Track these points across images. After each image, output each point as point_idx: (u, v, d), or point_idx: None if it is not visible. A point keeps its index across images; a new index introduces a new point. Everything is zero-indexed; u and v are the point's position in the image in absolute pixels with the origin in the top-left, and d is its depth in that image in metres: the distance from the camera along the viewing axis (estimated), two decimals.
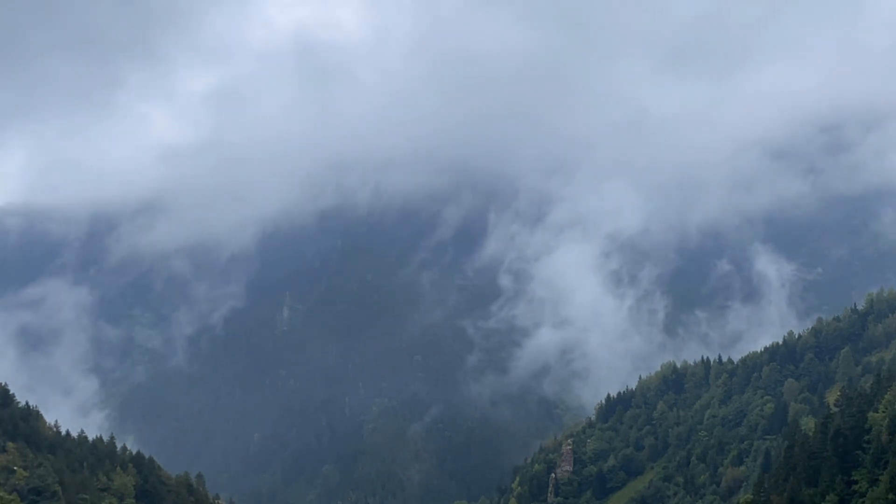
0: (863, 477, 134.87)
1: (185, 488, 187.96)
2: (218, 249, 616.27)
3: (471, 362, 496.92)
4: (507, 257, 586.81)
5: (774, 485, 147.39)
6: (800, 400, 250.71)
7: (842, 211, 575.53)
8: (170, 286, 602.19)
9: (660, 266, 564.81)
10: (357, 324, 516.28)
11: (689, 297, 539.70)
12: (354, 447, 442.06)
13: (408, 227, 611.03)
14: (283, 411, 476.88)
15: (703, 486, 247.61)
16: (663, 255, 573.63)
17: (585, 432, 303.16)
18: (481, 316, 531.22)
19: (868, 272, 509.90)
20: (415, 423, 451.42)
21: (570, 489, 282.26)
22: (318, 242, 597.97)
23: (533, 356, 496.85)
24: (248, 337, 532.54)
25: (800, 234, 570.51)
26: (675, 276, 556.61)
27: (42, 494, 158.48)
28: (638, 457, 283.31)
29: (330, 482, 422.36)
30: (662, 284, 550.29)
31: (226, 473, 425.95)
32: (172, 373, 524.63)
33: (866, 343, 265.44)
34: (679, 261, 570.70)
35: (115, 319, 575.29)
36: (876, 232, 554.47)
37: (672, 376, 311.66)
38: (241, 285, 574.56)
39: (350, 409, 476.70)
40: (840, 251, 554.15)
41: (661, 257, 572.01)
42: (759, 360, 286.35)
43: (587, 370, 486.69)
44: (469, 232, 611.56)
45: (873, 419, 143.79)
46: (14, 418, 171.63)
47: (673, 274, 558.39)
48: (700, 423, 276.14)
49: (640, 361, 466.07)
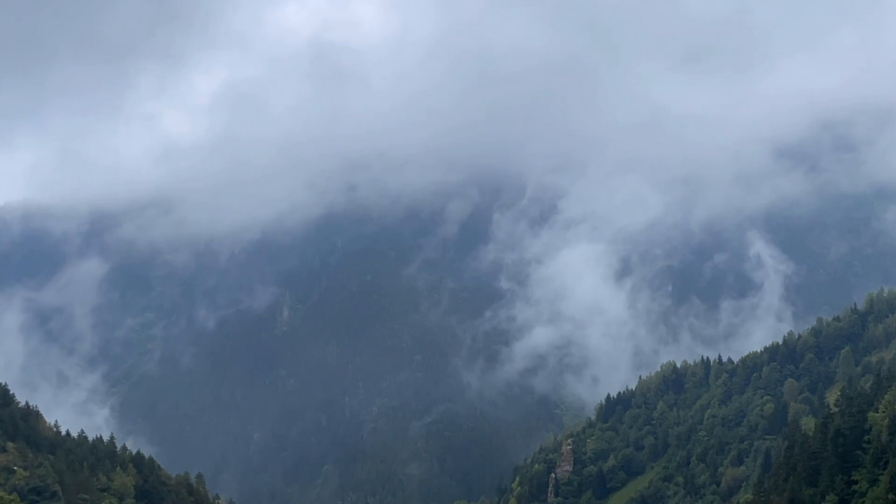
0: (863, 477, 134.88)
1: (185, 488, 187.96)
2: (218, 249, 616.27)
3: (471, 362, 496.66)
4: (509, 256, 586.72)
5: (774, 485, 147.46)
6: (800, 400, 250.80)
7: (843, 209, 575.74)
8: (170, 285, 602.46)
9: (663, 262, 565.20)
10: (357, 324, 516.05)
11: (690, 293, 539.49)
12: (354, 447, 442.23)
13: (410, 226, 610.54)
14: (283, 411, 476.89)
15: (703, 486, 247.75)
16: (667, 251, 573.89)
17: (585, 432, 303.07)
18: (482, 315, 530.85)
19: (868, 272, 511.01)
20: (415, 423, 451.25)
21: (570, 489, 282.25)
22: (318, 242, 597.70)
23: (534, 355, 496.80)
24: (248, 337, 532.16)
25: (799, 231, 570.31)
26: (677, 272, 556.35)
27: (42, 494, 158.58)
28: (638, 457, 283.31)
29: (330, 482, 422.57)
30: (665, 281, 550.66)
31: (226, 473, 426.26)
32: (172, 372, 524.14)
33: (866, 343, 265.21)
34: (682, 257, 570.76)
35: (115, 318, 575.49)
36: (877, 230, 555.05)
37: (672, 376, 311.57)
38: (242, 285, 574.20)
39: (350, 409, 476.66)
40: (841, 249, 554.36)
41: (664, 254, 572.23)
42: (759, 360, 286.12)
43: (588, 368, 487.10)
44: (472, 231, 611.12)
45: (873, 419, 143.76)
46: (14, 418, 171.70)
47: (676, 270, 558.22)
48: (700, 423, 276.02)
49: (642, 358, 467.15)
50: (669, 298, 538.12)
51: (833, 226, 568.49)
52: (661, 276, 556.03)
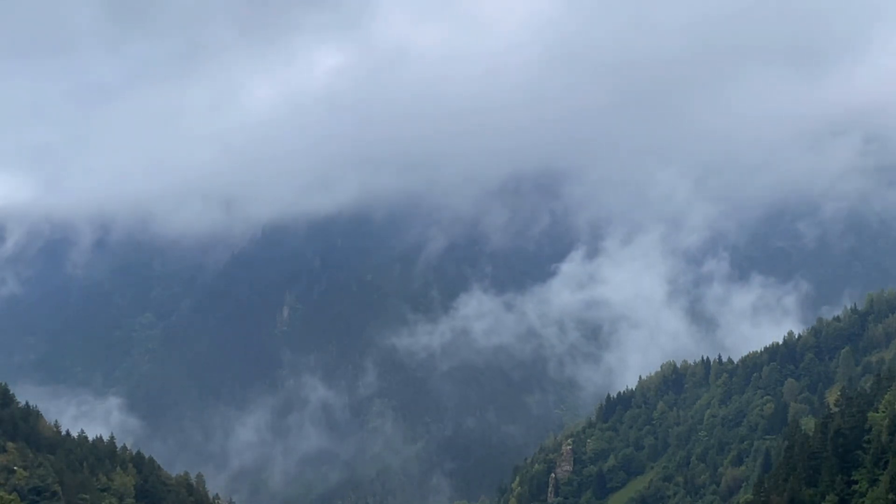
0: (863, 477, 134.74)
1: (185, 488, 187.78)
2: (219, 249, 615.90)
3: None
4: (509, 256, 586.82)
5: (774, 485, 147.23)
6: (800, 400, 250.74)
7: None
8: (170, 285, 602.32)
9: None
10: (357, 324, 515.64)
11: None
12: (354, 447, 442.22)
13: (412, 225, 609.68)
14: (283, 411, 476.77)
15: (703, 486, 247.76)
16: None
17: (585, 432, 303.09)
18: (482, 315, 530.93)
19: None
20: (415, 422, 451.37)
21: (570, 489, 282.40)
22: (318, 242, 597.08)
23: (534, 354, 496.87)
24: (248, 337, 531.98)
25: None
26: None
27: (42, 494, 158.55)
28: (638, 457, 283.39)
29: (331, 482, 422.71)
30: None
31: (226, 473, 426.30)
32: (172, 372, 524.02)
33: (866, 343, 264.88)
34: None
35: (115, 317, 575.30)
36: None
37: (672, 376, 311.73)
38: (242, 285, 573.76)
39: (350, 408, 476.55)
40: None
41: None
42: (759, 360, 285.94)
43: (588, 367, 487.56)
44: (474, 229, 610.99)
45: (873, 419, 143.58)
46: (14, 418, 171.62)
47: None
48: (700, 423, 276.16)
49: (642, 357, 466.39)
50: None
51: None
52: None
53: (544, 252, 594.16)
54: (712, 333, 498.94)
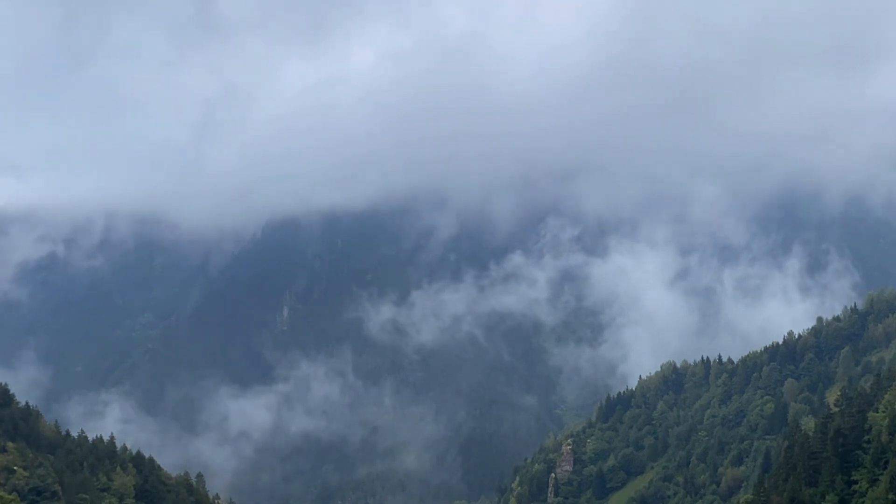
0: (863, 477, 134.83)
1: (185, 488, 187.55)
2: (219, 249, 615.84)
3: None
4: (510, 255, 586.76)
5: (774, 485, 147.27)
6: (800, 400, 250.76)
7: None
8: (170, 284, 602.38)
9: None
10: (357, 324, 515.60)
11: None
12: (354, 447, 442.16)
13: (413, 225, 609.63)
14: (283, 411, 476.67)
15: (703, 486, 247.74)
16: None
17: (585, 432, 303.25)
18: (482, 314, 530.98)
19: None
20: (415, 422, 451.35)
21: (570, 489, 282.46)
22: (318, 242, 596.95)
23: (534, 354, 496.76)
24: (248, 336, 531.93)
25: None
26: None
27: (42, 494, 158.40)
28: (638, 457, 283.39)
29: (330, 482, 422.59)
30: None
31: (226, 473, 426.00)
32: (172, 372, 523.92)
33: (866, 343, 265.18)
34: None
35: (115, 317, 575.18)
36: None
37: (672, 376, 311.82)
38: (242, 285, 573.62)
39: (350, 408, 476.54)
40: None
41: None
42: (759, 360, 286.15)
43: (589, 367, 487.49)
44: (474, 229, 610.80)
45: (873, 419, 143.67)
46: (14, 418, 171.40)
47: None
48: (700, 423, 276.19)
49: (639, 356, 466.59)
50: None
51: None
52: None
53: (548, 249, 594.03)
54: (717, 332, 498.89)
